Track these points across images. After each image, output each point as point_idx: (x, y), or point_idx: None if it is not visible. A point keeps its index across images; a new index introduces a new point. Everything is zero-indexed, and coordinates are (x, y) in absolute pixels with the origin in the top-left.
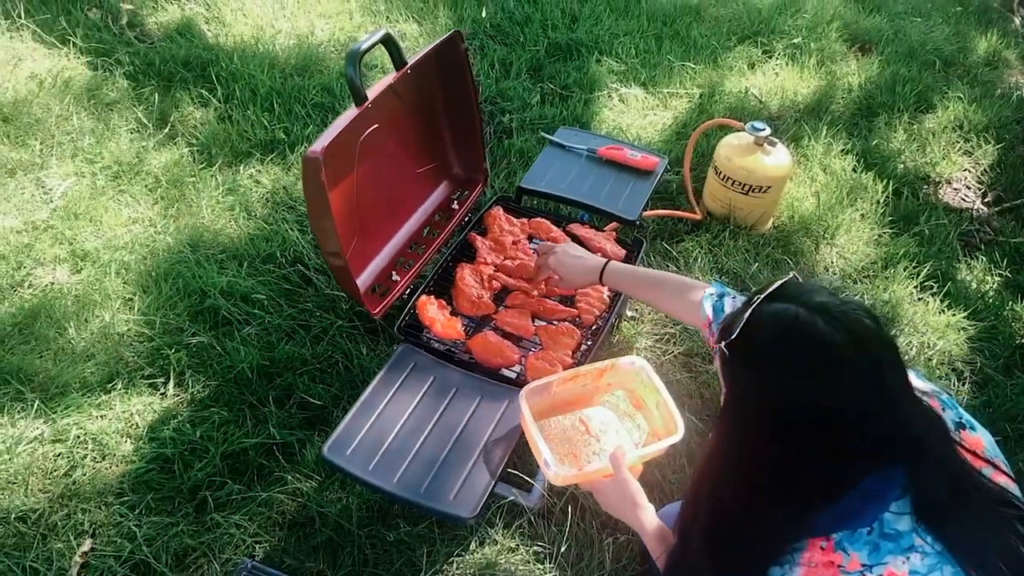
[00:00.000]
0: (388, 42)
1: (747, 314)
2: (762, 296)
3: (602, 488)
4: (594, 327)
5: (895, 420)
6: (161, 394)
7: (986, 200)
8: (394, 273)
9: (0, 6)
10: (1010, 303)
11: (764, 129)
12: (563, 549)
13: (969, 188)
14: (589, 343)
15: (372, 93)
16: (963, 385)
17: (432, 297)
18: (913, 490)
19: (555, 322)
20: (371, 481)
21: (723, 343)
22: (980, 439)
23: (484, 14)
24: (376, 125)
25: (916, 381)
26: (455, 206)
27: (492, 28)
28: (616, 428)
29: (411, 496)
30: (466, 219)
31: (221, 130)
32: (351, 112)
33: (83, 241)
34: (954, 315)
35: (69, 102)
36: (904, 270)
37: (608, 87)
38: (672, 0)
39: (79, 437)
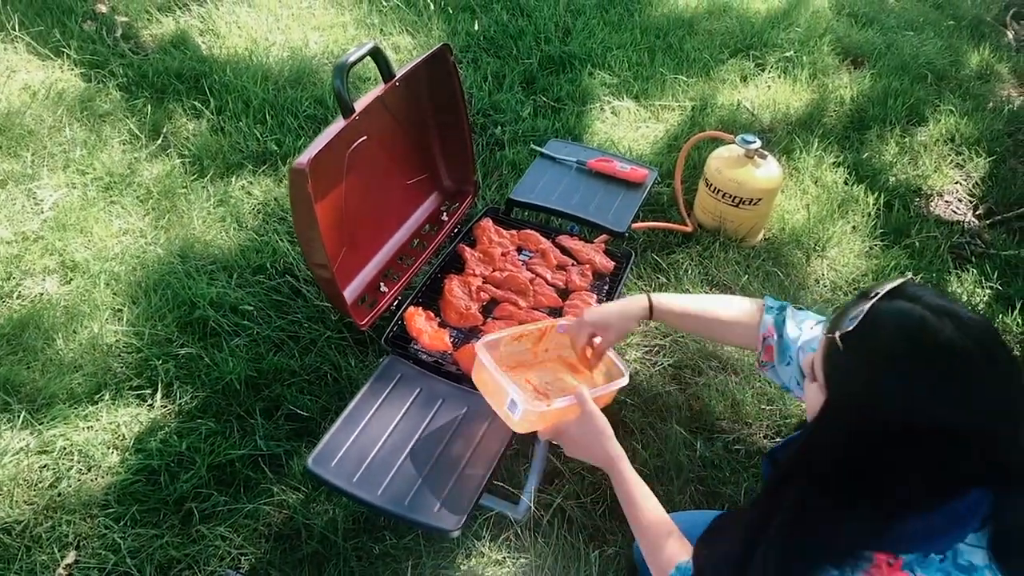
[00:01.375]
0: (376, 55)
1: (867, 307)
2: (881, 293)
3: (569, 427)
4: None
5: (1014, 446)
6: (148, 405)
7: (977, 213)
8: (382, 284)
9: None
10: (1000, 315)
11: (754, 142)
12: (549, 562)
13: (960, 201)
14: None
15: (360, 105)
16: None
17: (420, 309)
18: (996, 522)
19: None
20: (355, 493)
21: (837, 333)
22: None
23: (477, 27)
24: (365, 137)
25: None
26: (444, 218)
27: (486, 41)
28: (560, 386)
29: (395, 509)
30: (455, 231)
31: (213, 142)
32: (338, 124)
33: (73, 252)
34: None
35: (62, 113)
36: None
37: (600, 100)
38: (665, 14)
39: (65, 448)
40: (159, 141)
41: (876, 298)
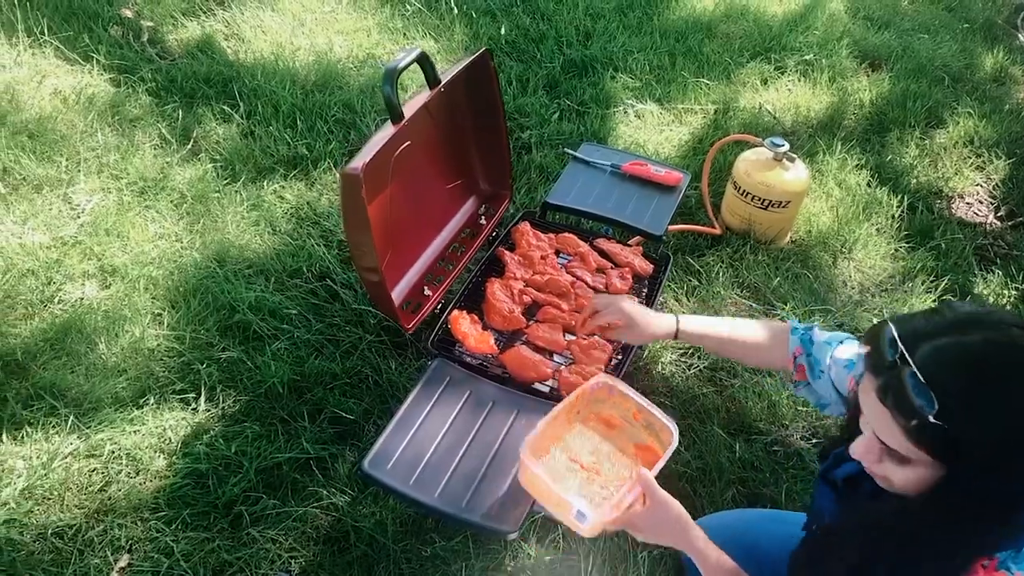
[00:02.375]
0: (423, 61)
1: (920, 373)
2: (908, 353)
3: (640, 518)
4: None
5: None
6: (193, 409)
7: (999, 215)
8: (425, 288)
9: (23, 23)
10: None
11: (783, 145)
12: (598, 563)
13: (982, 203)
14: (620, 357)
15: (408, 110)
16: None
17: (464, 312)
18: None
19: (586, 337)
20: (413, 495)
21: (925, 416)
22: None
23: (504, 31)
24: (409, 142)
25: None
26: (482, 221)
27: (508, 45)
28: (606, 451)
29: (453, 511)
30: (493, 234)
31: (244, 146)
32: (389, 130)
33: (111, 256)
34: None
35: (93, 118)
36: (922, 284)
37: (624, 103)
38: (684, 18)
39: (113, 452)
40: (190, 145)
41: (914, 358)
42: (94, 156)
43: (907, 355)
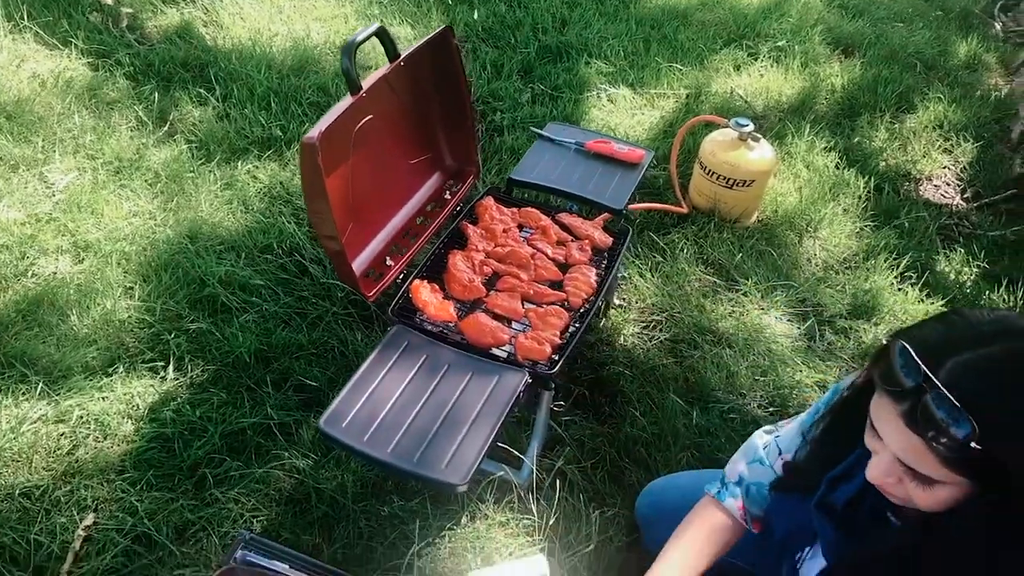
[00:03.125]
0: (382, 35)
1: (954, 395)
2: (933, 379)
3: None
4: (582, 310)
5: None
6: (161, 377)
7: (965, 196)
8: (388, 259)
9: (3, 8)
10: (987, 292)
11: (748, 125)
12: (551, 522)
13: (949, 185)
14: (577, 325)
15: (367, 84)
16: None
17: (425, 282)
18: None
19: (544, 305)
20: (365, 451)
21: (968, 441)
22: None
23: (476, 16)
24: (371, 116)
25: None
26: (447, 196)
27: (484, 32)
28: None
29: (404, 465)
30: (458, 209)
31: (219, 128)
32: (346, 101)
33: (85, 233)
34: (932, 303)
35: (71, 101)
36: (884, 261)
37: (597, 87)
38: (660, 5)
39: (81, 418)
40: (166, 128)
41: (939, 377)
42: (71, 137)
43: (932, 376)
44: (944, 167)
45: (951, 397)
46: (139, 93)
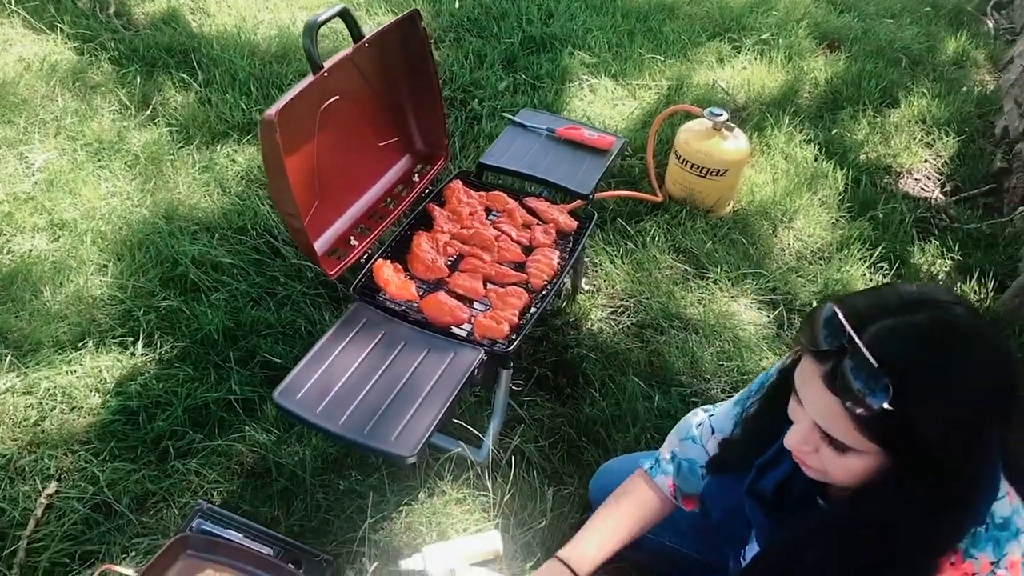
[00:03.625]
0: (346, 16)
1: (879, 373)
2: (856, 339)
3: None
4: (543, 291)
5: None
6: (130, 353)
7: (945, 190)
8: (352, 238)
9: None
10: (959, 284)
11: (721, 114)
12: (507, 499)
13: (929, 179)
14: (538, 306)
15: (329, 63)
16: None
17: (388, 261)
18: (1007, 459)
19: (505, 286)
20: (317, 423)
21: (878, 404)
22: None
23: (458, 5)
24: (337, 97)
25: None
26: (416, 179)
27: (469, 22)
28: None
29: (355, 436)
30: (426, 191)
31: (200, 112)
32: (307, 79)
33: (62, 212)
34: None
35: (55, 84)
36: (858, 252)
37: (579, 78)
38: None
39: (49, 390)
40: (148, 111)
41: (863, 340)
42: (53, 119)
43: (855, 338)
44: (925, 161)
45: (870, 358)
46: (123, 77)
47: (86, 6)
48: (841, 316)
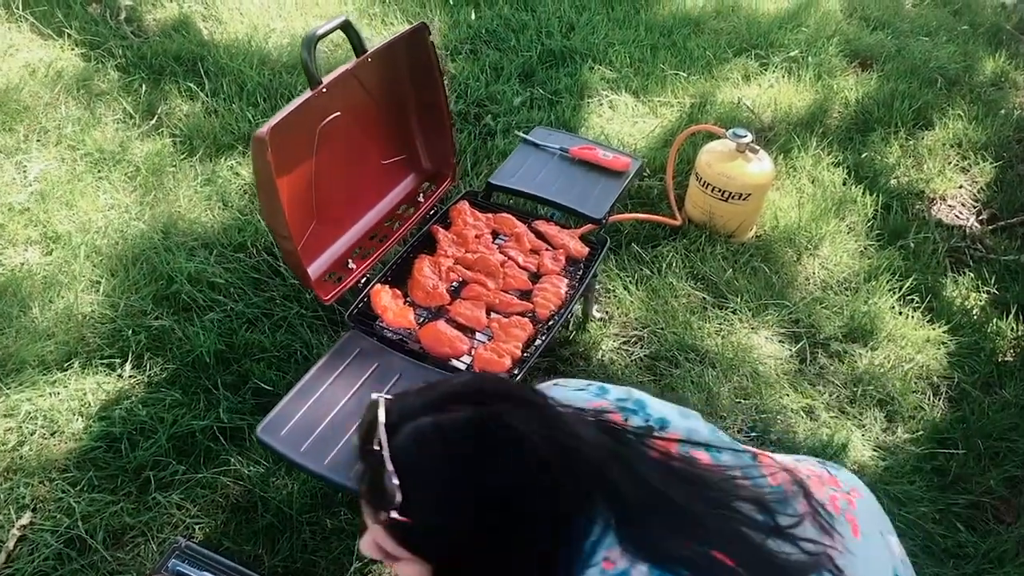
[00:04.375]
0: (347, 28)
1: (388, 475)
2: (374, 444)
3: None
4: (549, 322)
5: (580, 468)
6: (117, 375)
7: (980, 218)
8: (350, 261)
9: None
10: (994, 320)
11: (746, 136)
12: None
13: (964, 205)
14: (543, 338)
15: (328, 78)
16: (938, 400)
17: (387, 286)
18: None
19: (510, 315)
20: (300, 462)
21: (391, 514)
22: (677, 433)
23: (474, 17)
24: (338, 113)
25: (592, 399)
26: (421, 199)
27: (487, 34)
28: None
29: (339, 479)
30: (431, 212)
31: (206, 123)
32: (304, 95)
33: (56, 224)
34: (934, 329)
35: (59, 91)
36: (887, 283)
37: (599, 94)
38: (672, 12)
39: (30, 413)
40: (153, 121)
41: (392, 443)
42: (55, 127)
43: (384, 440)
44: (960, 187)
45: (389, 463)
46: (128, 85)
47: (96, 12)
48: (380, 417)
